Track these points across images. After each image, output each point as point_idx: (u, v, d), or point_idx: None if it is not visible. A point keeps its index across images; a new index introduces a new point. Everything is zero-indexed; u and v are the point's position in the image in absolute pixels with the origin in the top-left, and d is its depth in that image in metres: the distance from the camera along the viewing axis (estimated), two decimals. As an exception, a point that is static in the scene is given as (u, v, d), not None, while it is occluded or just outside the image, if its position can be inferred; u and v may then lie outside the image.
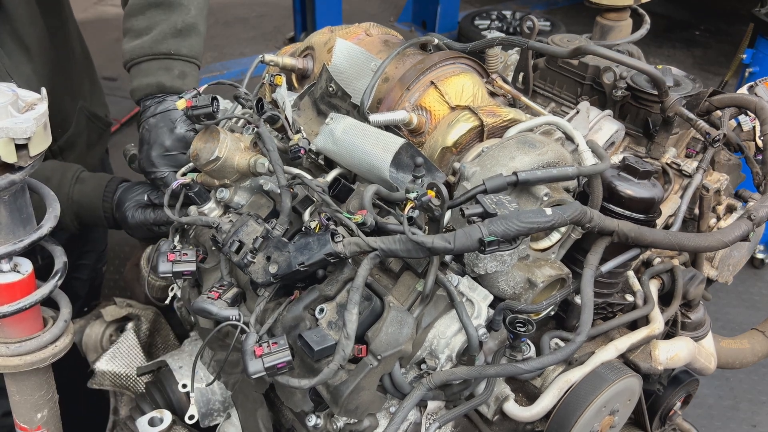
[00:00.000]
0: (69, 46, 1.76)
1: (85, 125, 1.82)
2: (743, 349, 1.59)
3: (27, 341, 1.04)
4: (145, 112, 1.43)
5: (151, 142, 1.38)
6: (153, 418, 1.23)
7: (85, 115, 1.83)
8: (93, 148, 1.89)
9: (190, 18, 1.50)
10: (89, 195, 1.43)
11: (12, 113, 0.85)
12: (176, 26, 1.48)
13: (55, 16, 1.67)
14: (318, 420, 1.05)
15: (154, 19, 1.48)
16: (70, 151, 1.75)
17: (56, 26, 1.67)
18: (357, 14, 6.02)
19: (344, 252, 0.95)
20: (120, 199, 1.41)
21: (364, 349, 0.97)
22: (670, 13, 6.46)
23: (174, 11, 1.49)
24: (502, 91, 1.30)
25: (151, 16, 1.48)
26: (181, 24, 1.48)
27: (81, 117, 1.81)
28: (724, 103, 1.36)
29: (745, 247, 1.53)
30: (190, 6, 1.51)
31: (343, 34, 1.35)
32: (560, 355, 0.98)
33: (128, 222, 1.39)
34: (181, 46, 1.48)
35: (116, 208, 1.41)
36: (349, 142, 1.10)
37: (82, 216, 1.45)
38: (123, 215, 1.40)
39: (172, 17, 1.48)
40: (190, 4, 1.51)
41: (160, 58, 1.46)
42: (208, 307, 1.04)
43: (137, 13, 1.49)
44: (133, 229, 1.40)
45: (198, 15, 1.53)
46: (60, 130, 1.70)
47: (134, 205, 1.40)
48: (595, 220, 1.00)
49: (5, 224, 0.93)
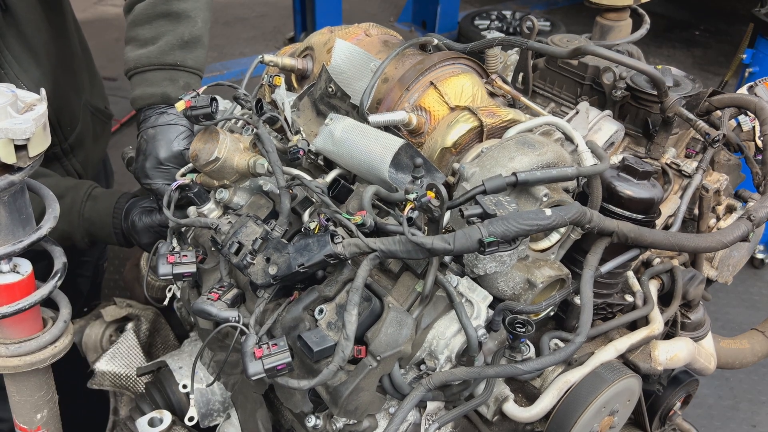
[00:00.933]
0: (71, 43, 1.76)
1: (90, 120, 1.83)
2: (743, 349, 1.59)
3: (26, 342, 1.04)
4: (146, 121, 1.43)
5: (147, 154, 1.38)
6: (153, 419, 1.24)
7: (89, 110, 1.83)
8: (98, 141, 1.89)
9: (196, 30, 1.51)
10: (100, 212, 1.44)
11: (11, 114, 0.85)
12: (183, 38, 1.48)
13: (58, 15, 1.68)
14: (317, 421, 1.05)
15: (161, 29, 1.48)
16: (80, 148, 1.75)
17: (59, 26, 1.67)
18: (357, 14, 6.02)
19: (344, 253, 0.95)
20: (127, 210, 1.43)
21: (363, 349, 0.97)
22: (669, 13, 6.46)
23: (181, 23, 1.49)
24: (502, 92, 1.30)
25: (159, 26, 1.48)
26: (188, 36, 1.49)
27: (86, 113, 1.81)
28: (724, 104, 1.36)
29: (745, 248, 1.53)
30: (197, 18, 1.52)
31: (342, 35, 1.35)
32: (560, 355, 0.98)
33: (136, 227, 1.40)
34: (187, 58, 1.49)
35: (124, 219, 1.43)
36: (348, 142, 1.10)
37: (93, 233, 1.47)
38: (131, 223, 1.41)
39: (179, 28, 1.49)
40: (197, 16, 1.52)
41: (165, 68, 1.46)
42: (207, 308, 1.04)
43: (144, 22, 1.49)
44: (141, 233, 1.40)
45: (203, 27, 1.53)
46: (69, 128, 1.70)
47: (140, 211, 1.41)
48: (595, 220, 1.00)
49: (4, 225, 0.93)
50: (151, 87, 1.45)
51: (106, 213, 1.44)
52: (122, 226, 1.43)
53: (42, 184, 1.03)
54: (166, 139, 1.39)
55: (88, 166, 1.80)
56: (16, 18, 1.46)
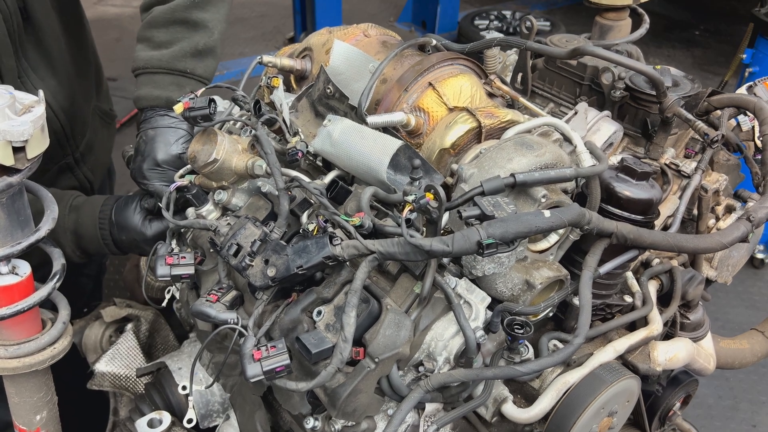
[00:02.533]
0: (87, 51, 1.76)
1: (98, 125, 1.82)
2: (743, 349, 1.58)
3: (25, 343, 1.04)
4: (146, 122, 1.43)
5: (145, 155, 1.38)
6: (152, 420, 1.24)
7: (98, 115, 1.83)
8: (105, 145, 1.89)
9: (212, 41, 1.51)
10: (85, 224, 1.39)
11: (9, 116, 0.85)
12: (197, 46, 1.48)
13: (77, 23, 1.67)
14: (316, 422, 1.05)
15: (177, 35, 1.48)
16: (89, 155, 1.74)
17: (77, 35, 1.67)
18: (357, 14, 6.02)
19: (342, 255, 0.95)
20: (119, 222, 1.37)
21: (361, 351, 0.97)
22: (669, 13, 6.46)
23: (198, 32, 1.49)
24: (501, 92, 1.30)
25: (175, 32, 1.48)
26: (202, 45, 1.49)
27: (95, 118, 1.81)
28: (723, 104, 1.36)
29: (745, 248, 1.53)
30: (214, 30, 1.52)
31: (341, 35, 1.35)
32: (559, 356, 0.98)
33: (146, 236, 1.35)
34: (197, 66, 1.49)
35: (120, 231, 1.37)
36: (346, 143, 1.10)
37: (83, 247, 1.41)
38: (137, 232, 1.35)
39: (194, 37, 1.49)
40: (215, 28, 1.52)
41: (174, 74, 1.46)
42: (206, 310, 1.04)
43: (160, 25, 1.48)
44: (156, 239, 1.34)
45: (218, 39, 1.54)
46: (80, 137, 1.68)
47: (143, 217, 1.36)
48: (594, 221, 1.00)
49: (3, 227, 0.93)
50: (157, 89, 1.45)
51: (92, 225, 1.38)
52: (112, 237, 1.38)
53: (40, 186, 1.03)
54: (165, 141, 1.39)
55: (97, 171, 1.79)
56: (35, 26, 1.45)
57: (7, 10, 1.33)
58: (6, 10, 1.33)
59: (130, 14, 5.97)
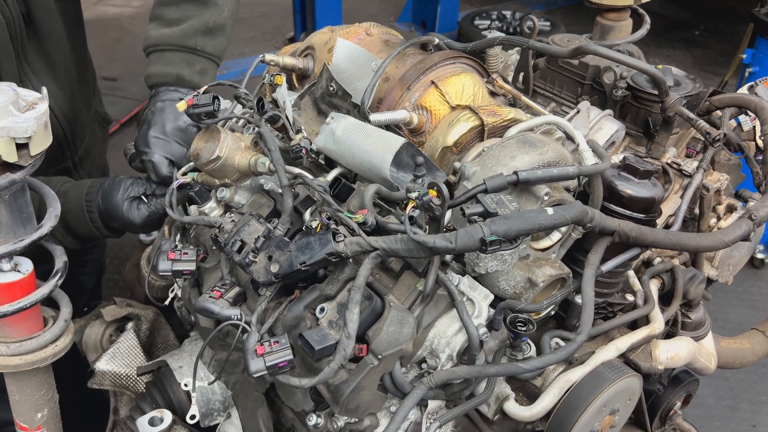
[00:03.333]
0: (86, 55, 1.76)
1: (96, 128, 1.83)
2: (743, 348, 1.59)
3: (27, 341, 1.04)
4: (156, 96, 1.43)
5: (152, 123, 1.37)
6: (153, 418, 1.23)
7: (96, 119, 1.83)
8: (101, 147, 1.89)
9: (221, 19, 1.52)
10: (73, 210, 1.36)
11: (13, 112, 0.85)
12: (207, 24, 1.49)
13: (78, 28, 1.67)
14: (318, 419, 1.05)
15: (188, 12, 1.49)
16: (87, 158, 1.73)
17: (78, 39, 1.67)
18: (357, 14, 6.02)
19: (346, 251, 0.95)
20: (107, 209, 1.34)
21: (364, 348, 0.97)
22: (669, 13, 6.47)
23: (208, 9, 1.51)
24: (503, 91, 1.30)
25: (185, 9, 1.49)
26: (212, 23, 1.50)
27: (94, 122, 1.81)
28: (724, 103, 1.37)
29: (746, 247, 1.53)
30: (224, 7, 1.53)
31: (343, 34, 1.35)
32: (561, 354, 0.98)
33: (136, 223, 1.33)
34: (208, 44, 1.50)
35: (109, 217, 1.35)
36: (349, 141, 1.10)
37: (75, 232, 1.39)
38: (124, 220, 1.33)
39: (205, 14, 1.50)
40: (225, 5, 1.53)
41: (185, 51, 1.47)
42: (210, 306, 1.04)
43: (171, 3, 1.50)
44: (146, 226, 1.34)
45: (229, 17, 1.55)
46: (80, 141, 1.68)
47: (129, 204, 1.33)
48: (596, 219, 1.00)
49: (5, 224, 0.93)
50: (168, 66, 1.45)
51: (79, 210, 1.36)
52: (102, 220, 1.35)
53: (43, 183, 1.03)
54: (175, 113, 1.38)
55: (93, 174, 1.78)
56: (38, 31, 1.45)
57: (9, 15, 1.33)
58: (9, 14, 1.33)
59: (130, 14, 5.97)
